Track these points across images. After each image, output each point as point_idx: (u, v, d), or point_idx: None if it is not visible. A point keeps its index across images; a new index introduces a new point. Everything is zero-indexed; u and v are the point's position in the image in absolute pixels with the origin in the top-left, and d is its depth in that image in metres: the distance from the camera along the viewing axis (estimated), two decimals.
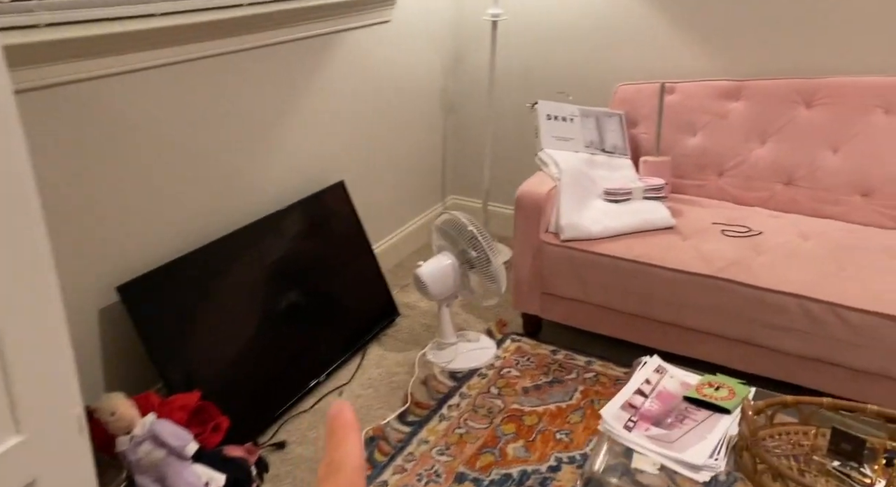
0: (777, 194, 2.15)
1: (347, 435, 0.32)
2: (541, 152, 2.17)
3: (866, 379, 1.64)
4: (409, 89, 2.62)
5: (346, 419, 0.33)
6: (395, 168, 2.64)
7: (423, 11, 2.57)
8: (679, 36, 2.34)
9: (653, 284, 1.86)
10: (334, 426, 0.33)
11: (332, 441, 0.32)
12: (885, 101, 1.99)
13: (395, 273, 2.64)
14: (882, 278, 1.67)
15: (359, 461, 0.32)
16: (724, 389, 1.32)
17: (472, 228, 1.95)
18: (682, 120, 2.27)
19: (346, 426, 0.33)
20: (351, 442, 0.32)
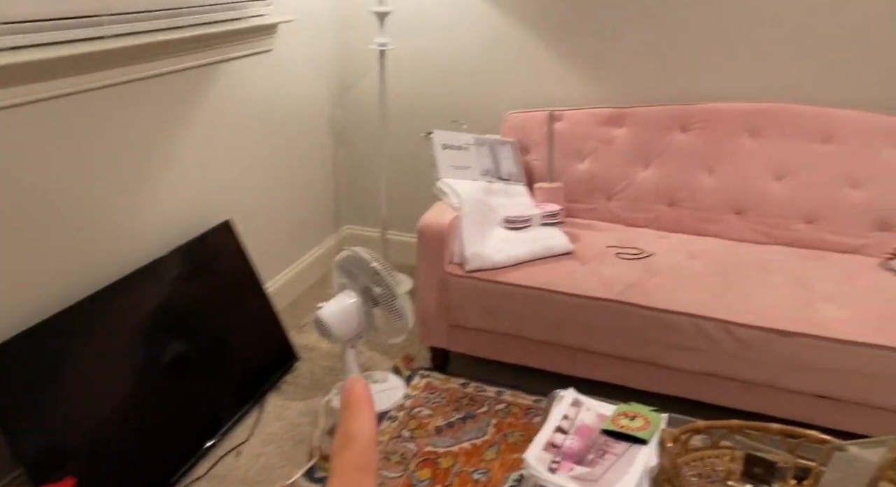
0: (662, 215, 2.26)
1: (361, 409, 0.34)
2: (439, 182, 2.14)
3: (757, 389, 1.74)
4: (296, 119, 2.50)
5: (359, 393, 0.34)
6: (284, 201, 2.50)
7: (306, 40, 2.48)
8: (564, 65, 2.42)
9: (558, 310, 1.88)
10: (348, 399, 0.34)
11: (346, 414, 0.34)
12: (750, 126, 2.16)
13: (292, 312, 2.49)
14: (763, 293, 1.78)
15: (372, 433, 0.33)
16: (639, 419, 1.33)
17: (376, 264, 1.87)
18: (571, 146, 2.33)
19: (359, 400, 0.34)
20: (364, 416, 0.34)
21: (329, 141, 2.76)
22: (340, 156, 2.87)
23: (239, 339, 1.99)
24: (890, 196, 1.98)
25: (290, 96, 2.45)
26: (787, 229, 2.10)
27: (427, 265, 2.00)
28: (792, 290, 1.78)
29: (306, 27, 2.47)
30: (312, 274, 2.76)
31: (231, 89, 2.12)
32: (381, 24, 2.32)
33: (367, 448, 0.32)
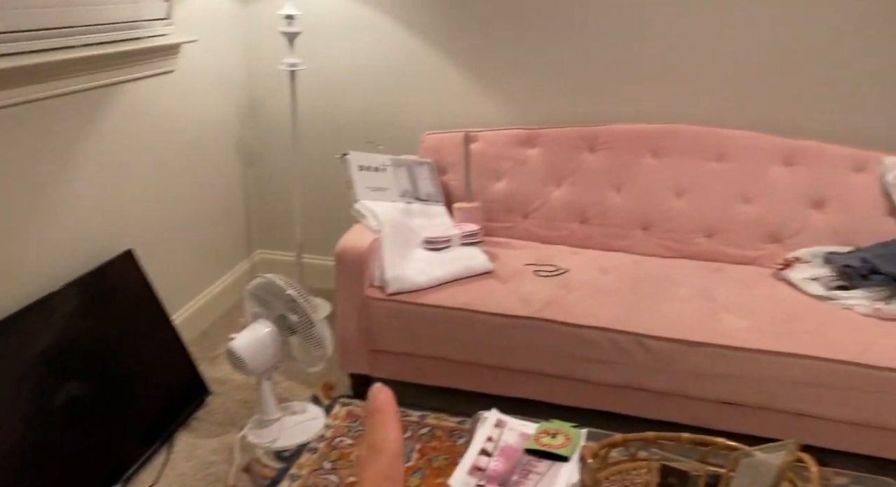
0: (575, 232, 2.33)
1: (387, 420, 0.34)
2: (357, 204, 2.11)
3: (669, 399, 1.82)
4: (203, 141, 2.40)
5: (383, 401, 0.34)
6: (191, 227, 2.39)
7: (212, 60, 2.39)
8: (477, 87, 2.46)
9: (479, 330, 1.88)
10: (374, 408, 0.34)
11: (372, 422, 0.34)
12: (652, 146, 2.28)
13: (202, 344, 2.37)
14: (670, 306, 1.87)
15: (398, 444, 0.34)
16: (560, 436, 1.35)
17: (291, 291, 1.81)
18: (487, 166, 2.37)
19: (384, 409, 0.34)
20: (391, 427, 0.34)
21: (239, 163, 2.67)
22: (252, 179, 2.78)
23: (144, 376, 1.86)
24: (778, 210, 2.14)
25: (196, 118, 2.35)
26: (690, 243, 2.22)
27: (346, 289, 1.95)
28: (696, 302, 1.88)
29: (211, 47, 2.39)
30: (224, 303, 2.64)
31: (131, 111, 2.01)
32: (291, 44, 2.27)
33: (395, 459, 0.33)
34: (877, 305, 1.80)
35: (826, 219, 2.11)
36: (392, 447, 0.34)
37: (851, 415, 1.67)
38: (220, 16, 2.43)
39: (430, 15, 2.41)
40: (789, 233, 2.13)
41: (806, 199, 2.13)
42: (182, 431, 1.90)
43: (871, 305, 1.80)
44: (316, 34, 2.53)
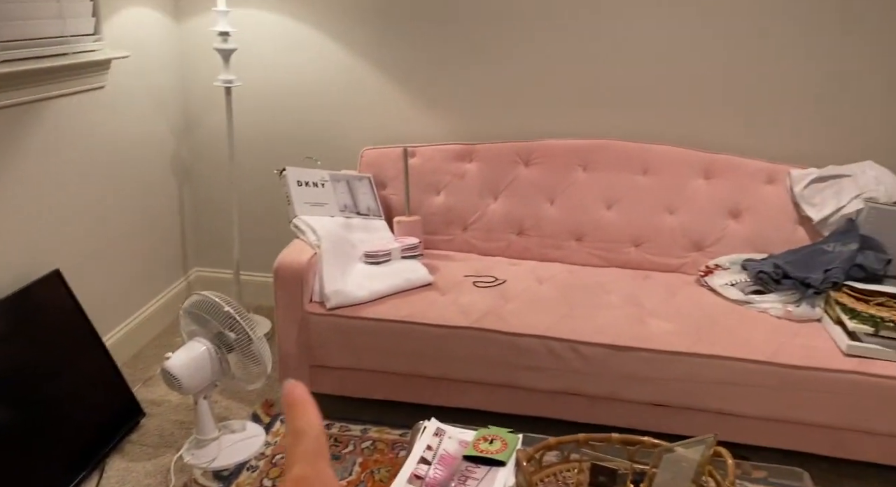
0: (513, 243, 2.41)
1: (305, 408, 0.36)
2: (295, 219, 2.11)
3: (602, 403, 1.90)
4: (136, 159, 2.35)
5: (299, 394, 0.36)
6: (123, 246, 2.33)
7: (145, 77, 2.35)
8: (414, 103, 2.51)
9: (421, 342, 1.92)
10: (291, 401, 0.36)
11: (291, 414, 0.36)
12: (583, 160, 2.38)
13: (135, 365, 2.31)
14: (602, 313, 1.96)
15: (319, 426, 0.35)
16: (497, 441, 1.40)
17: (229, 308, 1.79)
18: (426, 181, 2.42)
19: (302, 401, 0.36)
20: (310, 413, 0.36)
21: (174, 180, 2.62)
22: (187, 196, 2.74)
23: (73, 399, 1.80)
24: (700, 221, 2.28)
25: (128, 134, 2.30)
26: (619, 252, 2.33)
27: (285, 305, 1.95)
28: (625, 309, 1.97)
29: (144, 63, 2.35)
30: (159, 323, 2.57)
31: (59, 128, 1.95)
32: (226, 61, 2.27)
33: (318, 438, 0.35)
34: (788, 308, 1.94)
35: (742, 228, 2.26)
36: (314, 429, 0.35)
37: (767, 412, 1.79)
38: (153, 32, 2.39)
39: (366, 33, 2.45)
40: (710, 242, 2.27)
41: (724, 210, 2.27)
42: (114, 455, 1.84)
43: (783, 308, 1.94)
44: (252, 51, 2.52)
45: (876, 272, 1.92)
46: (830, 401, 1.74)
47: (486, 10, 2.37)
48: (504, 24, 2.38)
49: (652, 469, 1.24)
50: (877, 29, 2.18)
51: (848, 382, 1.72)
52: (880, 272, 1.93)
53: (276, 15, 2.47)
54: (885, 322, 1.74)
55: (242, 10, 2.47)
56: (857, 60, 2.22)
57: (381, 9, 2.42)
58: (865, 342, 1.75)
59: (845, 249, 1.97)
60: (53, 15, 1.89)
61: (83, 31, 2.01)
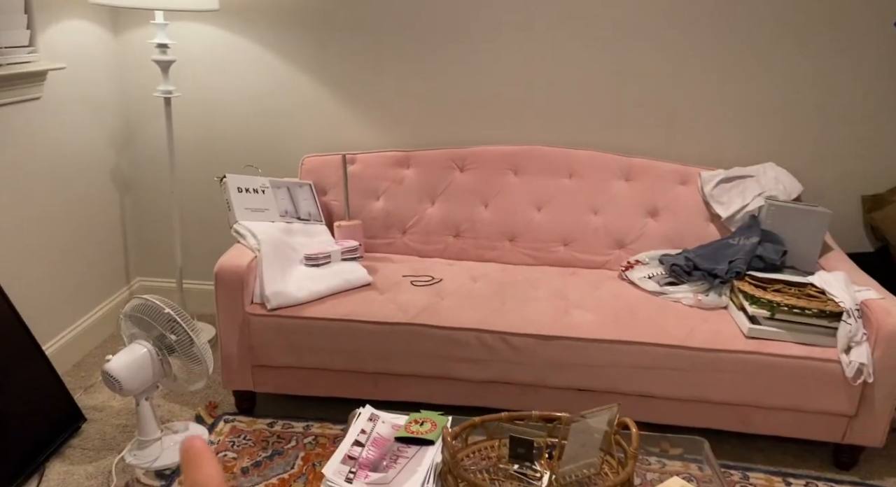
0: (450, 245, 2.52)
1: (203, 460, 0.35)
2: (236, 225, 2.17)
3: (532, 390, 2.02)
4: (74, 170, 2.37)
5: (198, 446, 0.35)
6: (64, 256, 2.34)
7: (82, 88, 2.38)
8: (353, 112, 2.61)
9: (360, 339, 2.00)
10: (188, 456, 0.35)
11: (190, 468, 0.35)
12: (513, 165, 2.52)
13: (77, 373, 2.31)
14: (531, 306, 2.09)
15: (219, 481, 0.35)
16: (427, 423, 1.50)
17: (169, 310, 1.84)
18: (366, 186, 2.52)
19: (199, 453, 0.35)
20: (209, 465, 0.35)
21: (115, 190, 2.64)
22: (129, 206, 2.75)
23: (11, 408, 1.80)
24: (621, 220, 2.45)
25: (67, 145, 2.32)
26: (549, 251, 2.47)
27: (227, 307, 2.01)
28: (552, 302, 2.11)
29: (82, 75, 2.38)
30: (102, 332, 2.58)
31: None
32: (165, 72, 2.32)
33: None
34: (698, 297, 2.11)
35: (660, 226, 2.44)
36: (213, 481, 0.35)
37: (681, 392, 1.95)
38: (90, 44, 2.42)
39: (305, 44, 2.54)
40: (631, 240, 2.44)
41: (643, 210, 2.45)
42: (55, 460, 1.85)
43: (694, 297, 2.12)
44: (191, 62, 2.58)
45: (774, 262, 2.12)
46: (735, 380, 1.92)
47: (423, 23, 2.50)
48: (438, 37, 2.51)
49: (562, 440, 1.36)
50: (774, 38, 2.41)
51: (749, 362, 1.90)
52: (778, 262, 2.13)
53: (214, 28, 2.54)
54: (780, 306, 1.92)
55: (181, 24, 2.53)
56: (757, 69, 2.44)
57: (319, 20, 2.52)
58: (764, 325, 1.93)
59: (748, 242, 2.17)
60: None
61: (17, 42, 2.04)
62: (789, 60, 2.42)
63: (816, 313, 1.89)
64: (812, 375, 1.88)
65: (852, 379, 1.84)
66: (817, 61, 2.41)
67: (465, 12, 2.47)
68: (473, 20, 2.48)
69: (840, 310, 1.88)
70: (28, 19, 2.08)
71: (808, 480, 1.95)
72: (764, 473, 1.97)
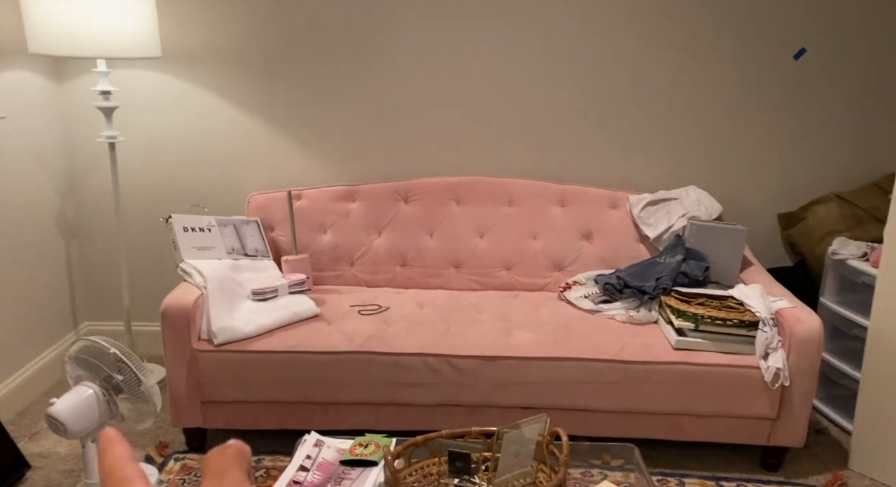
0: (398, 275, 2.61)
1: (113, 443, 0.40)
2: (182, 263, 2.21)
3: (478, 411, 2.10)
4: (18, 218, 2.38)
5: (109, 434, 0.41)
6: (8, 301, 2.33)
7: (24, 135, 2.41)
8: (297, 150, 2.70)
9: (308, 370, 2.05)
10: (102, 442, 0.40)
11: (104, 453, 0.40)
12: (455, 195, 2.64)
13: (21, 422, 2.28)
14: (475, 328, 2.18)
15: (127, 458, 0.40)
16: (371, 446, 1.55)
17: (115, 350, 1.86)
18: (313, 221, 2.59)
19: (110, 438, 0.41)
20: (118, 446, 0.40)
21: (60, 236, 2.64)
22: (75, 251, 2.75)
23: None
24: (558, 244, 2.58)
25: (11, 193, 2.33)
26: (493, 276, 2.58)
27: (173, 345, 2.03)
28: (495, 324, 2.21)
29: (24, 124, 2.41)
30: (47, 379, 2.54)
31: None
32: (108, 118, 2.37)
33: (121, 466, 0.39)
34: (630, 313, 2.24)
35: (594, 248, 2.58)
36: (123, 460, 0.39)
37: (616, 405, 2.06)
38: (33, 93, 2.46)
39: (246, 85, 2.63)
40: (568, 262, 2.57)
41: (578, 233, 2.59)
42: None
43: (626, 313, 2.24)
44: (135, 107, 2.63)
45: (697, 278, 2.27)
46: (666, 390, 2.03)
47: (361, 61, 2.62)
48: (377, 74, 2.63)
49: (497, 453, 1.44)
50: (689, 71, 2.61)
51: (678, 372, 2.02)
52: (701, 277, 2.28)
53: (156, 73, 2.61)
54: (703, 318, 2.06)
55: (123, 71, 2.59)
56: (677, 99, 2.64)
57: (260, 62, 2.62)
58: (689, 336, 2.07)
59: (673, 260, 2.32)
60: None
61: None
62: (705, 91, 2.63)
63: (736, 323, 2.04)
64: (735, 382, 2.01)
65: (771, 383, 1.98)
66: (731, 91, 2.63)
67: (402, 51, 2.61)
68: (410, 59, 2.61)
69: (757, 320, 2.03)
70: None
71: (738, 482, 2.06)
72: (698, 478, 2.08)
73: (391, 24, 2.58)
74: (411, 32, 2.59)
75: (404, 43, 2.60)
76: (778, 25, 2.56)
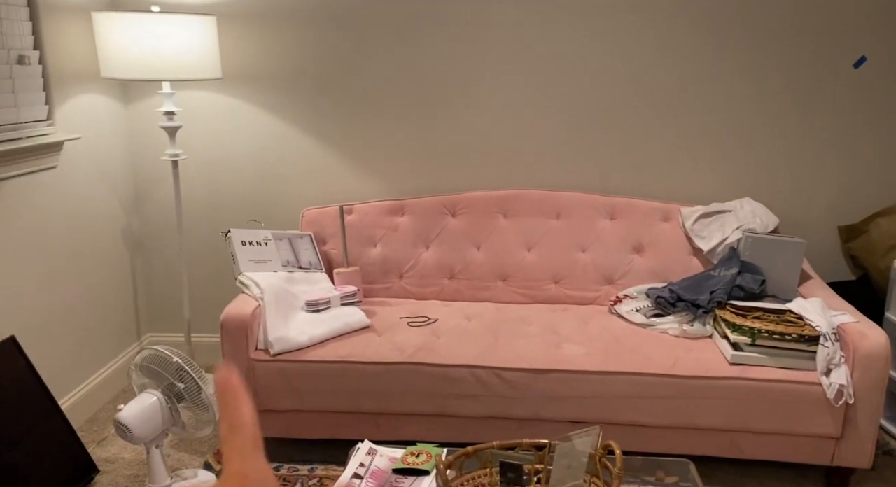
0: (445, 287, 2.63)
1: (238, 399, 0.38)
2: (240, 276, 2.29)
3: (527, 424, 2.09)
4: (87, 231, 2.52)
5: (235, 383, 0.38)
6: (77, 314, 2.45)
7: (94, 155, 2.55)
8: (349, 166, 2.77)
9: (359, 380, 2.09)
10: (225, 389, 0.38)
11: (227, 404, 0.38)
12: (502, 209, 2.65)
13: (91, 428, 2.39)
14: (523, 342, 2.18)
15: (253, 418, 0.38)
16: (423, 455, 1.57)
17: (178, 359, 1.94)
18: (363, 235, 2.65)
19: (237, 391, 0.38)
20: (244, 405, 0.38)
21: (126, 250, 2.78)
22: (139, 265, 2.88)
23: (29, 463, 1.88)
24: (608, 257, 2.56)
25: (80, 209, 2.47)
26: (541, 289, 2.58)
27: (232, 354, 2.11)
28: (544, 337, 2.20)
29: (95, 144, 2.55)
30: (114, 386, 2.66)
31: (13, 206, 2.12)
32: (172, 137, 2.49)
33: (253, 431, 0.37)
34: (684, 327, 2.20)
35: (645, 261, 2.54)
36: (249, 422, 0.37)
37: (669, 420, 2.01)
38: (103, 114, 2.61)
39: (300, 105, 2.73)
40: (619, 276, 2.54)
41: (628, 246, 2.56)
42: None
43: (680, 327, 2.20)
44: (196, 127, 2.76)
45: (753, 291, 2.21)
46: (721, 406, 1.98)
47: (409, 79, 2.68)
48: (425, 91, 2.69)
49: (549, 466, 1.43)
50: (746, 78, 2.57)
51: (734, 387, 1.97)
52: (757, 291, 2.22)
53: (216, 94, 2.73)
54: (760, 333, 2.01)
55: (185, 92, 2.72)
56: (731, 108, 2.59)
57: (313, 83, 2.71)
58: (746, 351, 2.01)
59: (728, 273, 2.27)
60: (9, 104, 2.09)
61: (37, 117, 2.21)
62: (759, 100, 2.58)
63: (795, 338, 1.97)
64: (795, 398, 1.94)
65: (834, 401, 1.91)
66: (787, 100, 2.57)
67: (447, 68, 2.65)
68: (456, 75, 2.66)
69: (817, 334, 1.96)
70: (46, 95, 2.27)
71: None
72: None
73: (437, 42, 2.64)
74: (456, 49, 2.64)
75: (449, 60, 2.65)
76: (836, 31, 2.50)
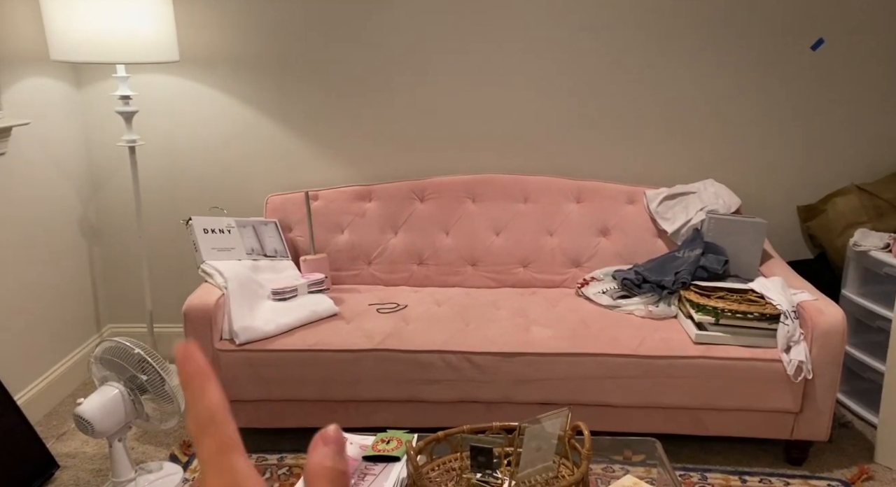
0: (414, 273, 2.62)
1: (205, 384, 0.31)
2: (203, 265, 2.24)
3: (497, 408, 2.10)
4: (41, 222, 2.42)
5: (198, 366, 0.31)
6: (33, 306, 2.37)
7: (46, 140, 2.45)
8: (314, 151, 2.72)
9: (328, 368, 2.07)
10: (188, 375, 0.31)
11: (191, 393, 0.31)
12: (470, 193, 2.64)
13: (49, 422, 2.32)
14: (493, 325, 2.18)
15: (223, 404, 0.31)
16: (393, 442, 1.57)
17: (139, 350, 1.89)
18: (330, 221, 2.61)
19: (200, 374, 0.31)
20: (211, 390, 0.31)
21: (83, 240, 2.68)
22: (97, 255, 2.80)
23: None
24: (575, 240, 2.57)
25: (32, 198, 2.37)
26: (509, 273, 2.58)
27: None
28: (513, 321, 2.21)
29: (46, 129, 2.45)
30: (74, 380, 2.59)
31: None
32: (128, 122, 2.40)
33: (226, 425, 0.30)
34: (649, 308, 2.23)
35: (611, 243, 2.57)
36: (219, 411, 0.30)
37: (636, 400, 2.05)
38: (54, 99, 2.50)
39: (262, 88, 2.66)
40: (585, 258, 2.56)
41: (595, 229, 2.58)
42: None
43: (645, 308, 2.23)
44: (154, 111, 2.67)
45: (716, 271, 2.25)
46: (686, 385, 2.02)
47: (376, 62, 2.63)
48: (392, 75, 2.65)
49: (519, 448, 1.44)
50: (706, 61, 2.59)
51: (698, 366, 2.01)
52: (720, 271, 2.26)
53: (174, 77, 2.64)
54: (723, 312, 2.05)
55: (142, 75, 2.63)
56: (693, 91, 2.62)
57: (276, 65, 2.64)
58: (710, 330, 2.05)
59: (692, 254, 2.30)
60: None
61: None
62: (721, 84, 2.61)
63: (757, 316, 2.02)
64: (757, 375, 2.00)
65: (793, 377, 1.96)
66: (747, 83, 2.61)
67: (415, 51, 2.62)
68: (423, 58, 2.62)
69: (778, 312, 2.01)
70: None
71: (762, 477, 2.05)
72: (721, 473, 2.07)
73: (404, 25, 2.59)
74: (425, 33, 2.60)
75: (417, 43, 2.61)
76: (795, 15, 2.54)
